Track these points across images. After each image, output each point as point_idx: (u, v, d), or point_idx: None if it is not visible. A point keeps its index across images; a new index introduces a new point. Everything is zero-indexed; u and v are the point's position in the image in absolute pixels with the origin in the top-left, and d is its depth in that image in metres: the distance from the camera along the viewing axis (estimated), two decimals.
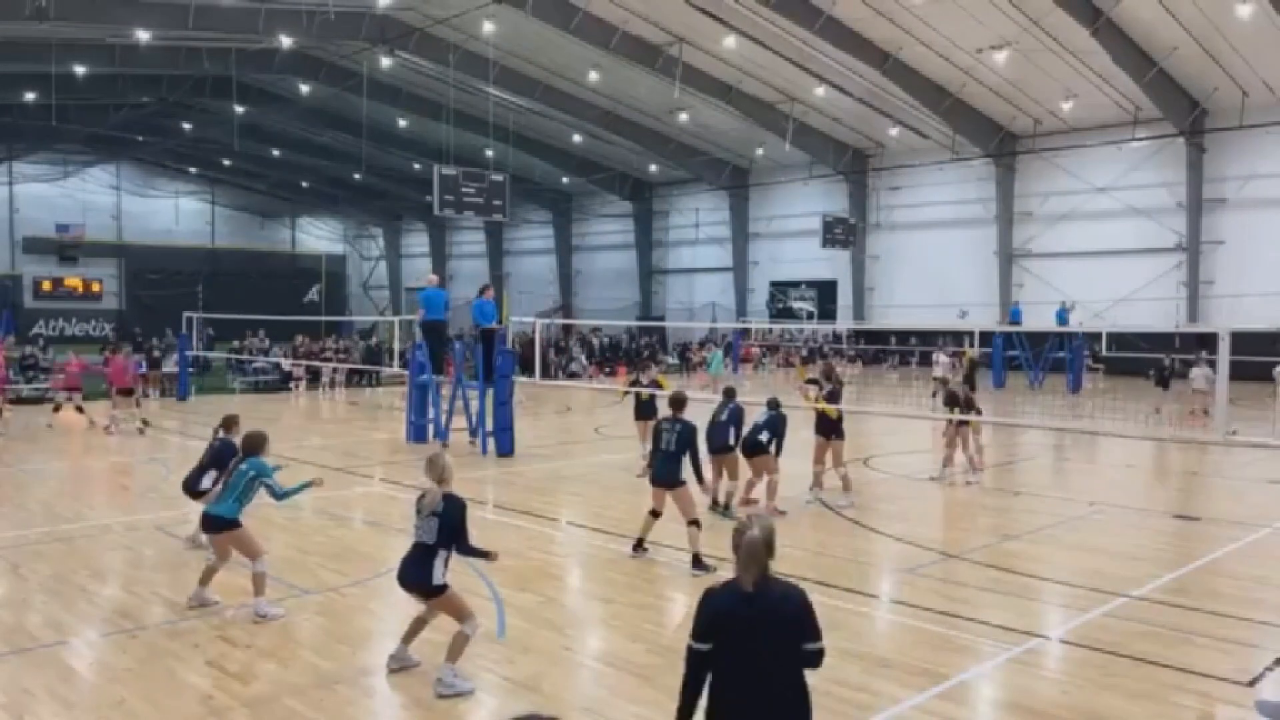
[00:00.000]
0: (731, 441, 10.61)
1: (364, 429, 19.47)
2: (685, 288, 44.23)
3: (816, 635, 3.67)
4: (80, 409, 19.02)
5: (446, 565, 6.06)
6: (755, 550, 3.64)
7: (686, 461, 8.71)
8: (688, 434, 8.72)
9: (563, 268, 48.77)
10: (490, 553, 6.19)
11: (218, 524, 7.27)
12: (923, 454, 15.21)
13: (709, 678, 3.64)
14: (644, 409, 13.55)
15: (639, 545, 8.95)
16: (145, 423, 18.20)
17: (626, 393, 13.47)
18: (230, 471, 7.56)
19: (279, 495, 7.44)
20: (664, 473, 8.59)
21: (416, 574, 6.04)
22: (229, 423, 8.85)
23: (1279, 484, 13.11)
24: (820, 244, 34.58)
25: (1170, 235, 30.35)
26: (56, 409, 19.67)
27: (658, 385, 13.68)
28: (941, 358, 23.89)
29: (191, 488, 8.58)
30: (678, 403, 9.13)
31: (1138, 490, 12.46)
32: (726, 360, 35.96)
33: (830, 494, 11.44)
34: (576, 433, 18.62)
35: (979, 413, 13.02)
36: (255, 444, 7.60)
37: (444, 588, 6.03)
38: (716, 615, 3.66)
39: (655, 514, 8.81)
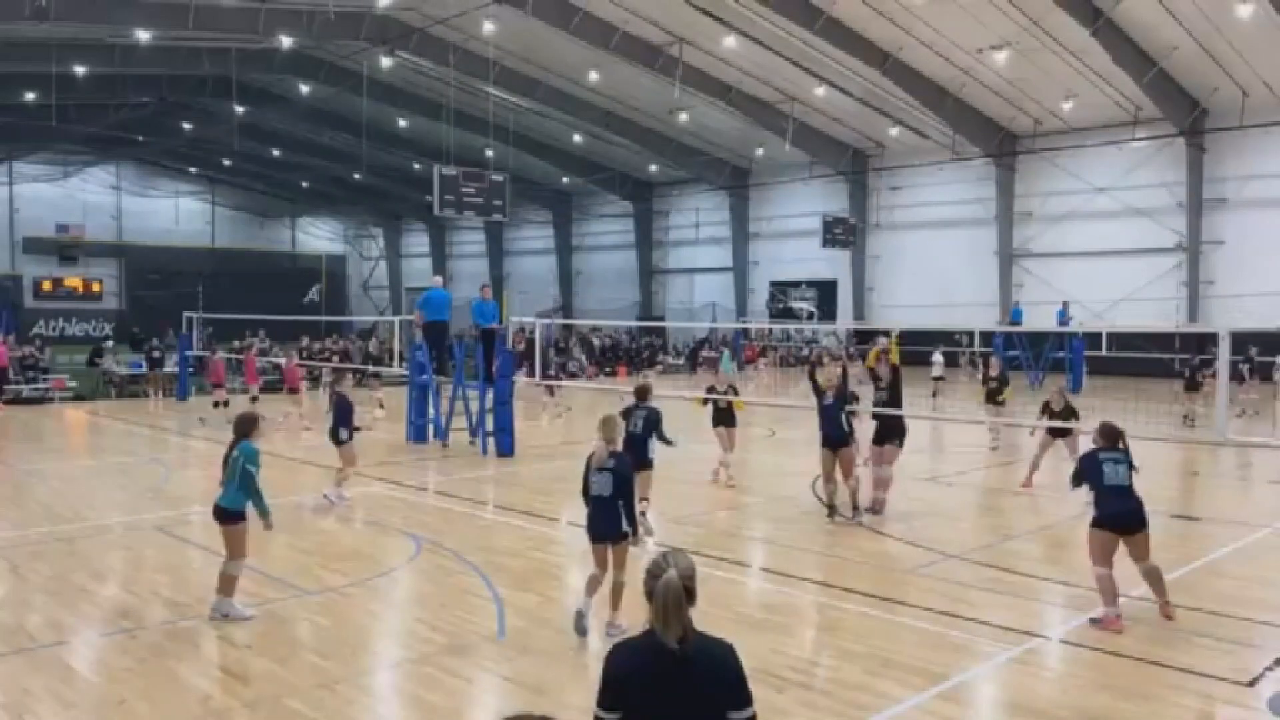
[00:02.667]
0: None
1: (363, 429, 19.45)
2: (685, 288, 44.22)
3: (747, 701, 2.99)
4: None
5: (627, 516, 6.71)
6: (676, 597, 2.96)
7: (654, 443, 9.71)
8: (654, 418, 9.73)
9: (563, 268, 48.76)
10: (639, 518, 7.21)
11: (221, 515, 7.32)
12: (923, 454, 15.20)
13: None
14: (723, 416, 12.87)
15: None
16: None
17: (706, 401, 13.39)
18: (226, 460, 7.48)
19: (250, 490, 7.26)
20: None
21: (606, 527, 6.71)
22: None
23: (1279, 484, 13.11)
24: (820, 244, 34.57)
25: (1170, 235, 30.35)
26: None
27: (733, 391, 13.12)
28: (937, 357, 23.91)
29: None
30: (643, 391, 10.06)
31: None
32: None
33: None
34: (576, 433, 18.61)
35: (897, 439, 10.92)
36: (245, 428, 7.49)
37: (628, 535, 6.67)
38: (628, 678, 2.99)
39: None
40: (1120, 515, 6.96)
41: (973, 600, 7.61)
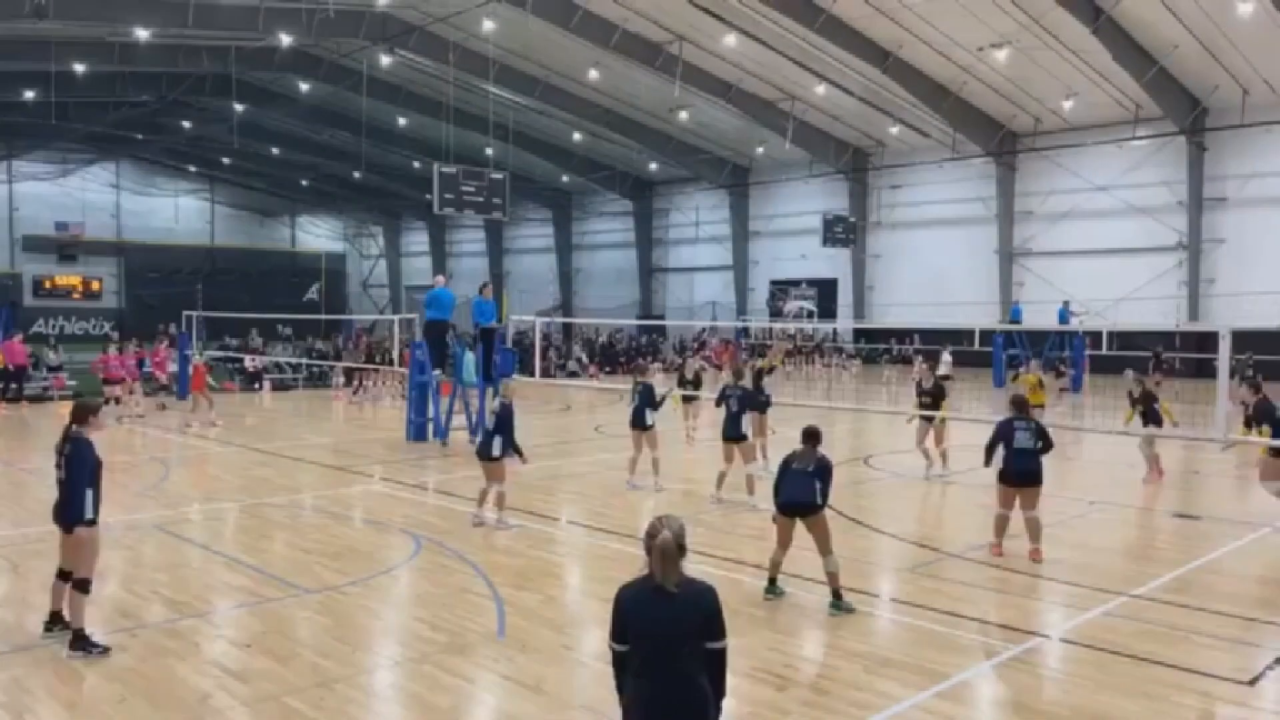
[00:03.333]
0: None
1: (363, 428, 19.47)
2: (685, 286, 44.20)
3: (721, 634, 3.65)
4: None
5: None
6: (671, 553, 3.61)
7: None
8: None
9: (563, 266, 48.74)
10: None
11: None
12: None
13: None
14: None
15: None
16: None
17: (687, 399, 15.66)
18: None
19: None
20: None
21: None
22: None
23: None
24: (820, 243, 34.57)
25: (1171, 234, 30.34)
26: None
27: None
28: (946, 356, 23.86)
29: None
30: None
31: (1138, 489, 12.45)
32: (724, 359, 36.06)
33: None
34: (576, 432, 18.62)
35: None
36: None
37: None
38: (632, 614, 3.67)
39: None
40: (1023, 473, 8.65)
41: (973, 599, 7.60)
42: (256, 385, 27.14)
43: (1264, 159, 28.29)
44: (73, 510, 6.31)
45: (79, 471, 6.34)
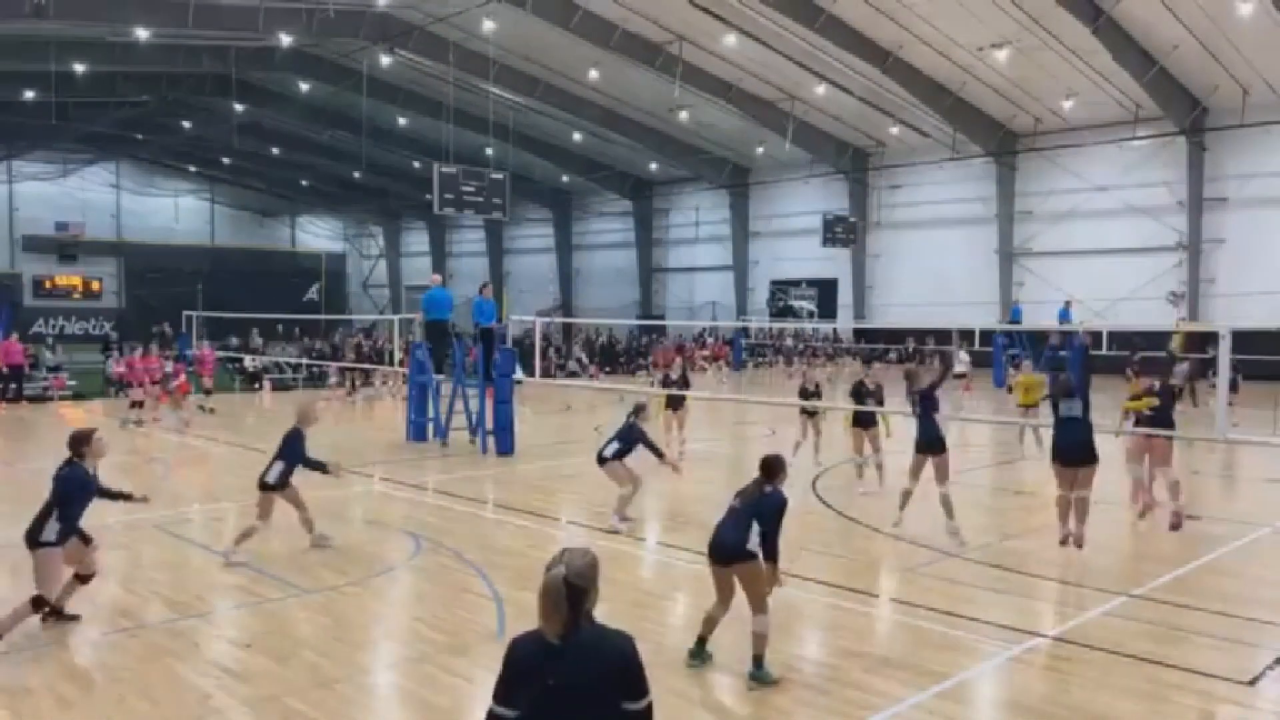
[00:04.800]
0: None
1: (363, 427, 19.46)
2: (685, 286, 44.20)
3: (641, 692, 3.04)
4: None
5: None
6: (556, 593, 3.03)
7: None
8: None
9: (563, 266, 48.74)
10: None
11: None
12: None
13: None
14: (670, 401, 14.55)
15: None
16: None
17: (669, 397, 14.58)
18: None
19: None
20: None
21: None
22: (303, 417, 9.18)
23: (1279, 483, 13.10)
24: (821, 243, 34.56)
25: (1171, 234, 30.33)
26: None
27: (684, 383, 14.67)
28: (964, 355, 23.76)
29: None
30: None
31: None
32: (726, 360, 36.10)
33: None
34: (576, 431, 18.61)
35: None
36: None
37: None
38: (518, 672, 3.09)
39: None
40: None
41: (973, 599, 7.60)
42: (256, 385, 27.15)
43: (1264, 159, 28.28)
44: (31, 530, 6.69)
45: (53, 495, 6.70)
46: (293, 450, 8.83)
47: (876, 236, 37.68)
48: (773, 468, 6.20)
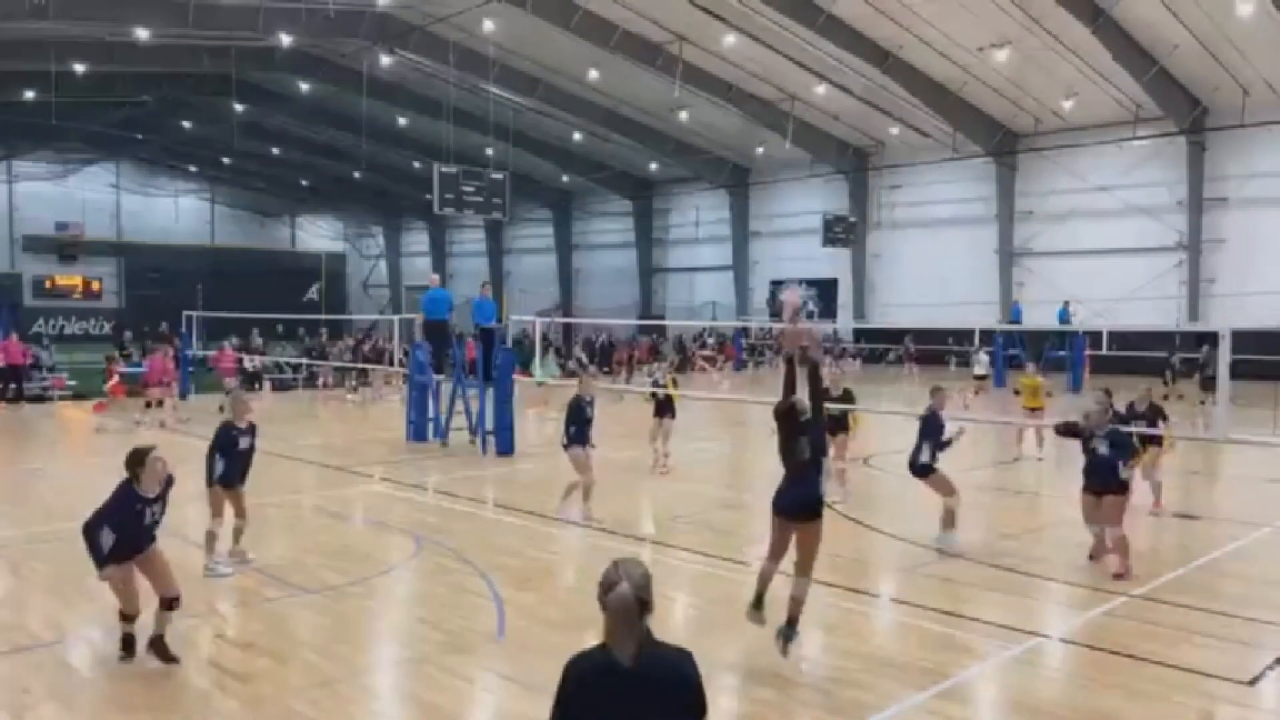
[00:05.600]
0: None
1: (362, 428, 19.46)
2: (685, 286, 44.20)
3: (704, 710, 2.95)
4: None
5: None
6: (628, 612, 2.84)
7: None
8: None
9: (563, 266, 48.75)
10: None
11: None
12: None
13: None
14: (659, 408, 13.60)
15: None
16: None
17: (653, 395, 13.74)
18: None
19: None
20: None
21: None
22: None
23: (1279, 483, 13.10)
24: (821, 243, 34.55)
25: (1171, 234, 30.33)
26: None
27: (671, 385, 13.72)
28: (982, 356, 23.71)
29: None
30: None
31: (1138, 489, 12.40)
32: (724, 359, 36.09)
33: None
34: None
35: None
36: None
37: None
38: (583, 696, 2.91)
39: None
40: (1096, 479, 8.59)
41: (973, 599, 7.60)
42: (256, 385, 27.15)
43: (1264, 159, 28.27)
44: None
45: (98, 512, 6.19)
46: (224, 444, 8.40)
47: (876, 236, 37.67)
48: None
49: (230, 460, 8.34)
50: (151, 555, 6.25)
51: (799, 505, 6.26)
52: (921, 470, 9.25)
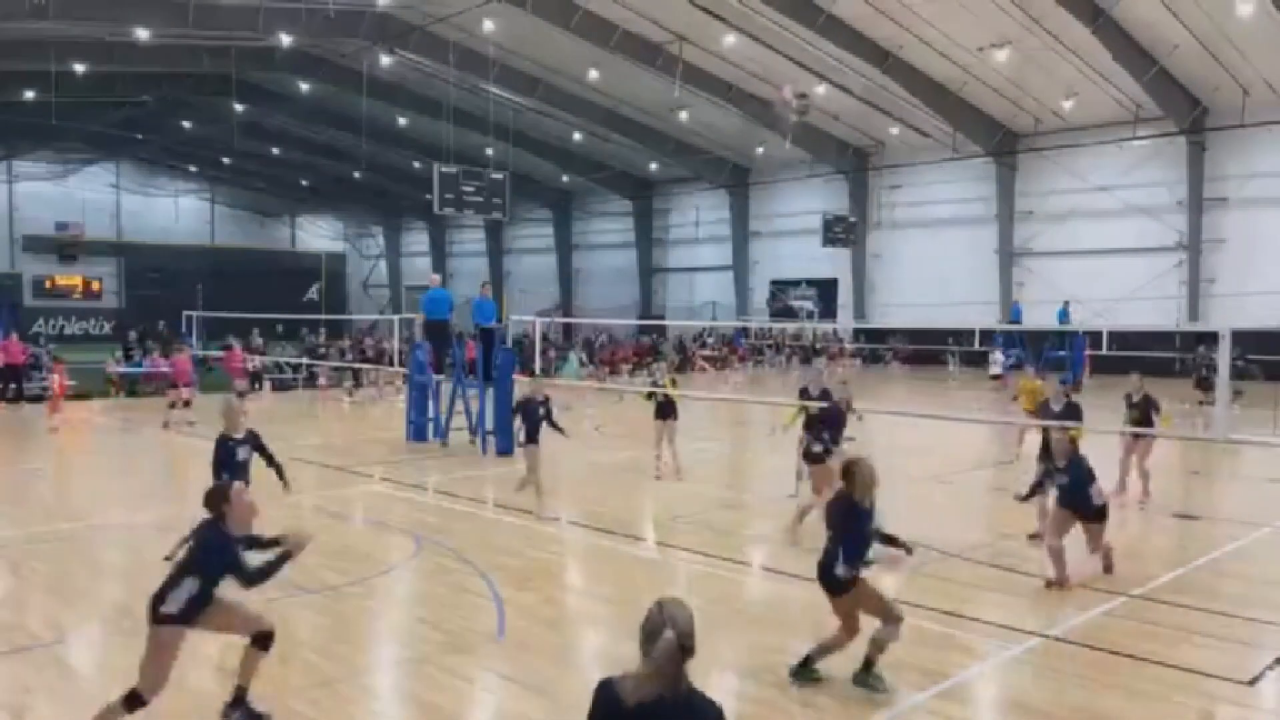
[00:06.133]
0: None
1: (363, 428, 19.46)
2: (685, 286, 44.21)
3: None
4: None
5: None
6: (670, 659, 2.86)
7: None
8: None
9: (563, 266, 48.76)
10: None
11: None
12: (924, 453, 15.20)
13: None
14: (661, 410, 13.15)
15: None
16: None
17: (651, 394, 13.42)
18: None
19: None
20: None
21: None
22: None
23: (1279, 483, 13.10)
24: (821, 243, 34.56)
25: (1171, 234, 30.33)
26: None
27: (671, 386, 13.40)
28: (998, 355, 23.65)
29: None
30: None
31: (1138, 489, 12.43)
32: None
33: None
34: (576, 431, 18.59)
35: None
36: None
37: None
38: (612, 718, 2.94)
39: None
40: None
41: (973, 599, 7.60)
42: (257, 385, 27.14)
43: (1264, 159, 28.27)
44: (156, 596, 5.30)
45: (188, 557, 5.44)
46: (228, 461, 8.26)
47: (876, 236, 37.68)
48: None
49: (232, 474, 8.18)
50: (221, 600, 5.36)
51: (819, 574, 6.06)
52: (813, 457, 9.57)
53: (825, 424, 9.73)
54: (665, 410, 13.08)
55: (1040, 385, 15.24)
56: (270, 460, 8.49)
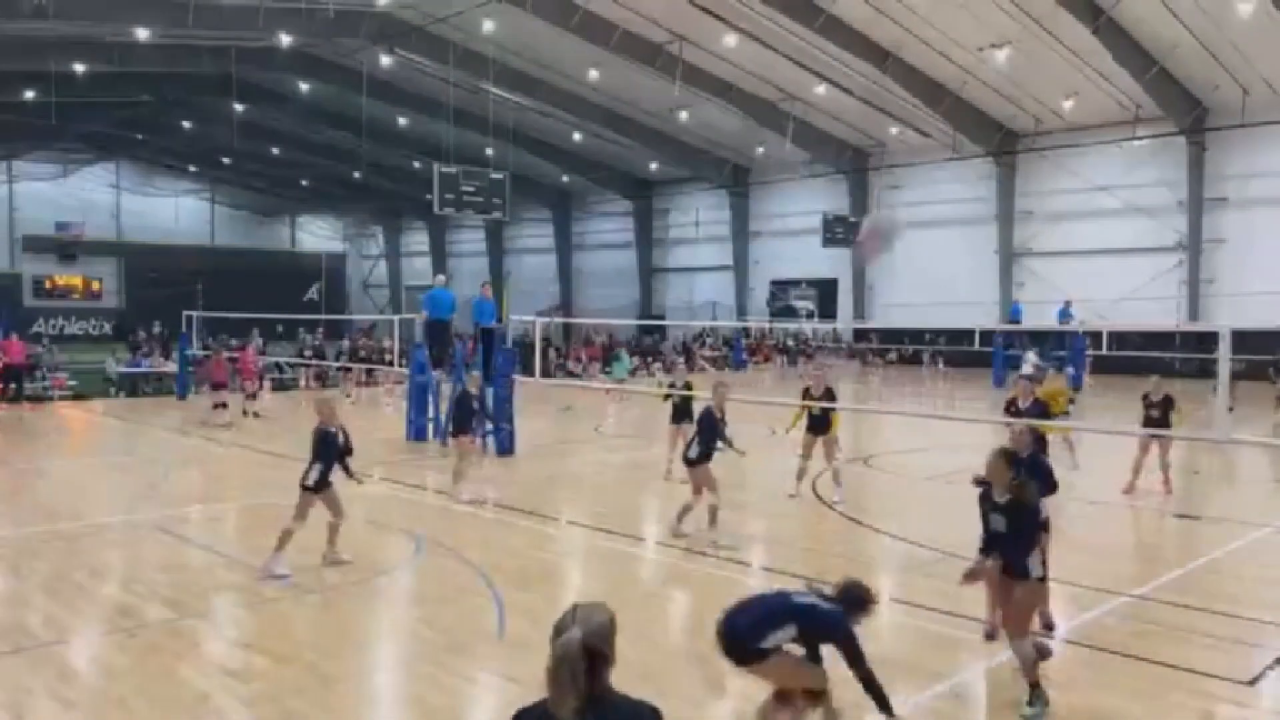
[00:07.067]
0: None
1: (363, 428, 19.44)
2: (685, 286, 44.20)
3: None
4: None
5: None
6: (570, 661, 2.55)
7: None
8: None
9: (563, 266, 48.76)
10: None
11: None
12: (925, 452, 15.20)
13: None
14: (677, 413, 12.85)
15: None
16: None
17: (667, 396, 13.25)
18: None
19: None
20: None
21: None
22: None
23: (1279, 483, 13.11)
24: (821, 243, 34.55)
25: (1171, 234, 30.33)
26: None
27: (688, 388, 13.15)
28: (1030, 356, 23.64)
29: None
30: None
31: (1138, 489, 12.43)
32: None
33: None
34: (577, 432, 18.61)
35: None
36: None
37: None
38: None
39: None
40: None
41: (973, 599, 7.58)
42: (259, 386, 27.17)
43: (1264, 159, 28.26)
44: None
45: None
46: (324, 451, 8.45)
47: None
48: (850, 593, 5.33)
49: (327, 464, 8.38)
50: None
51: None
52: (689, 461, 9.55)
53: (700, 429, 9.58)
54: (681, 414, 12.79)
55: (1066, 390, 15.22)
56: (348, 450, 8.82)
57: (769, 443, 14.64)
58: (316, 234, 57.16)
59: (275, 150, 44.19)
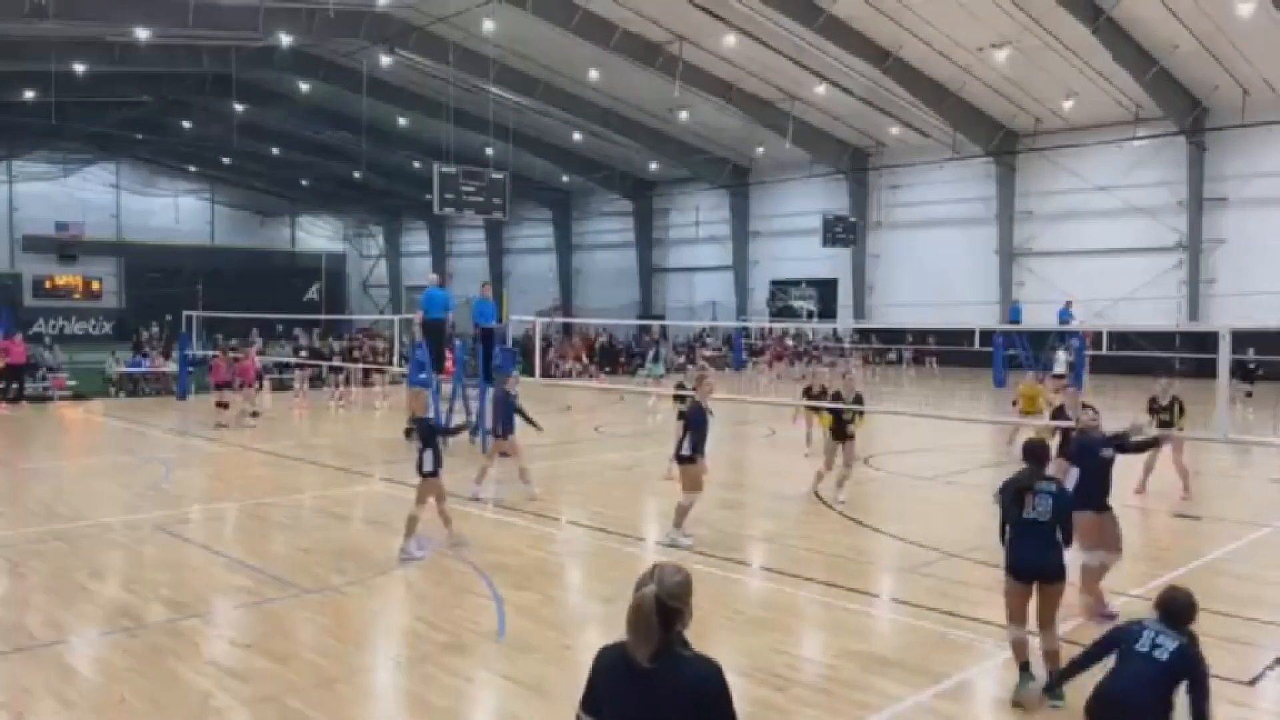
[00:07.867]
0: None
1: (363, 427, 19.45)
2: (685, 286, 44.22)
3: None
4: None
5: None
6: (646, 615, 2.84)
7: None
8: None
9: (563, 266, 48.77)
10: None
11: None
12: (926, 453, 15.20)
13: None
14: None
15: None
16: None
17: (679, 397, 13.16)
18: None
19: None
20: None
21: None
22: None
23: (1279, 483, 13.10)
24: (821, 243, 34.57)
25: (1171, 234, 30.33)
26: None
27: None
28: (1060, 354, 23.61)
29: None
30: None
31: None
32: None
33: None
34: (577, 432, 18.60)
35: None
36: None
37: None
38: (604, 686, 2.97)
39: None
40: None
41: (973, 599, 7.59)
42: (258, 385, 27.15)
43: (1264, 159, 28.27)
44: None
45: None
46: (429, 437, 9.06)
47: (876, 236, 37.68)
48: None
49: (436, 449, 8.92)
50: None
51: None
52: (681, 458, 9.48)
53: (691, 425, 9.49)
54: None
55: (1040, 389, 15.23)
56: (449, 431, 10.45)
57: (770, 443, 14.64)
58: (316, 234, 57.17)
59: (275, 150, 44.20)
